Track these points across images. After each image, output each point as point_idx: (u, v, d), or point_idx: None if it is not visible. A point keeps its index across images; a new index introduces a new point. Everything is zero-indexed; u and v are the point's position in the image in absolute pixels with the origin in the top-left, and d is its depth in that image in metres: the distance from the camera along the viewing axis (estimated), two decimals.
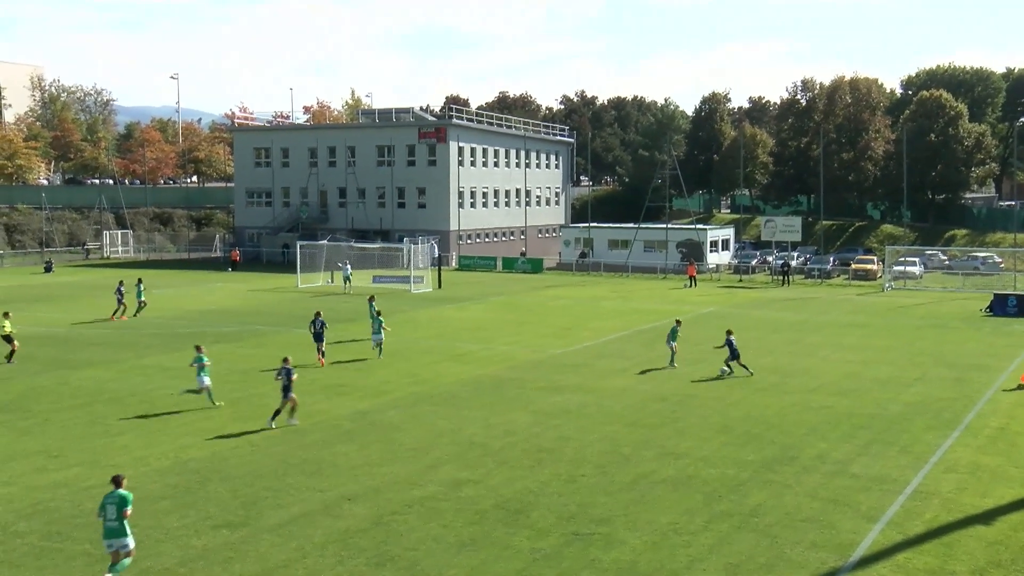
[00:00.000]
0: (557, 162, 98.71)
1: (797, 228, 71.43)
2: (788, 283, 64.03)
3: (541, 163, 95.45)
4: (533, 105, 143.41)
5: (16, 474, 20.27)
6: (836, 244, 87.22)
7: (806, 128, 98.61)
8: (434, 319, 45.59)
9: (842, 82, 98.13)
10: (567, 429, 24.18)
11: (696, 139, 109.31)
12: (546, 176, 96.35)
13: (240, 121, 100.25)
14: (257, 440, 22.87)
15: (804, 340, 39.31)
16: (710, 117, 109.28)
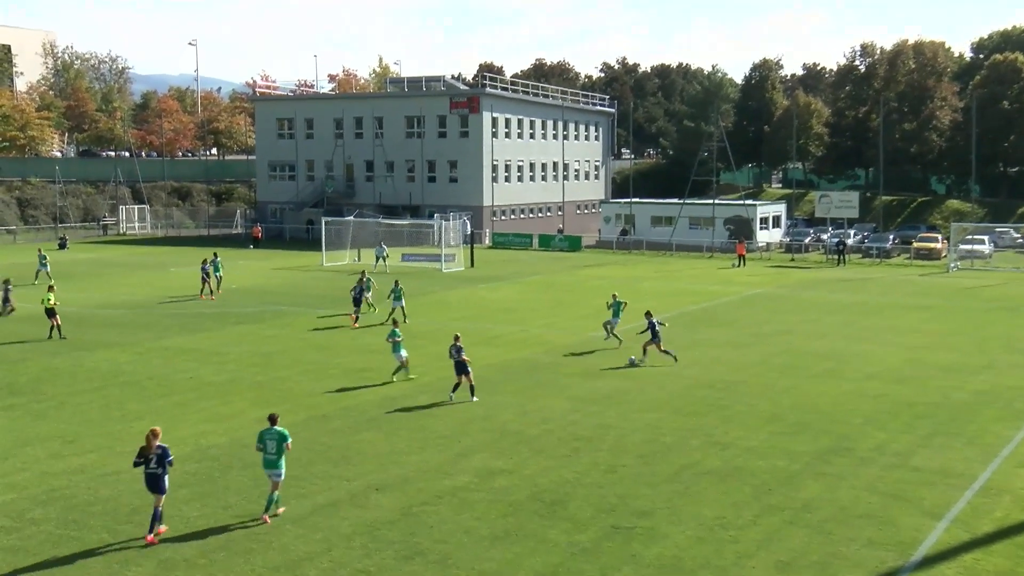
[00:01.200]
0: (597, 133, 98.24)
1: (854, 204, 70.59)
2: (844, 263, 63.41)
3: (580, 135, 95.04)
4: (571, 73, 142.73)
5: (31, 459, 20.64)
6: (897, 221, 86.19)
7: (865, 96, 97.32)
8: (466, 300, 45.67)
9: (905, 46, 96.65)
10: (606, 416, 24.16)
11: (745, 109, 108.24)
12: (585, 148, 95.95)
13: (262, 90, 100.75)
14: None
15: (860, 323, 38.93)
16: (760, 85, 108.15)
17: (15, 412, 24.66)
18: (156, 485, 16.43)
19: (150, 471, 16.42)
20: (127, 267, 60.53)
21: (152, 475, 16.42)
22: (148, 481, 16.47)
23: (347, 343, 34.12)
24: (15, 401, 25.77)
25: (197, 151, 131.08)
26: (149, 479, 16.46)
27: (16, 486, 18.95)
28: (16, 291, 38.12)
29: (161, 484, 16.45)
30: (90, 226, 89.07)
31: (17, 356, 31.73)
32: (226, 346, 33.53)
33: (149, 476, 16.45)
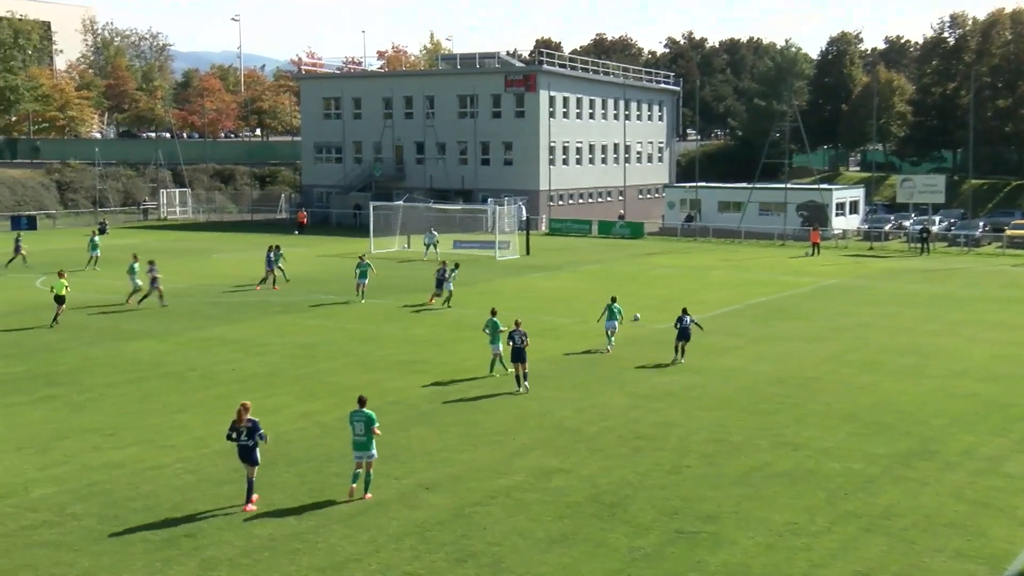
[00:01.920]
0: (661, 113, 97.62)
1: (940, 188, 69.30)
2: (928, 251, 62.37)
3: (643, 114, 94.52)
4: (634, 49, 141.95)
5: (71, 452, 21.11)
6: (987, 207, 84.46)
7: (954, 71, 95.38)
8: (521, 289, 45.72)
9: (1001, 16, 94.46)
10: (669, 414, 24.05)
11: (821, 86, 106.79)
12: (648, 129, 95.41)
13: (307, 68, 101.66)
14: (326, 421, 23.33)
15: (946, 317, 38.27)
16: (838, 60, 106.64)
17: (54, 403, 25.22)
18: (249, 457, 17.82)
19: (242, 443, 17.77)
20: (168, 253, 61.51)
21: (244, 447, 17.79)
22: (241, 453, 17.87)
23: (395, 334, 34.35)
24: (54, 392, 26.36)
25: (240, 132, 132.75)
26: (241, 451, 17.84)
27: (57, 479, 19.40)
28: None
29: (253, 456, 17.82)
30: (130, 210, 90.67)
31: (56, 345, 32.45)
32: (269, 336, 33.94)
33: (241, 448, 17.82)
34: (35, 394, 26.10)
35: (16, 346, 32.29)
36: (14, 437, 22.19)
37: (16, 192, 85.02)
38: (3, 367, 29.23)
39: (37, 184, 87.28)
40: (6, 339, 33.56)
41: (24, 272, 51.68)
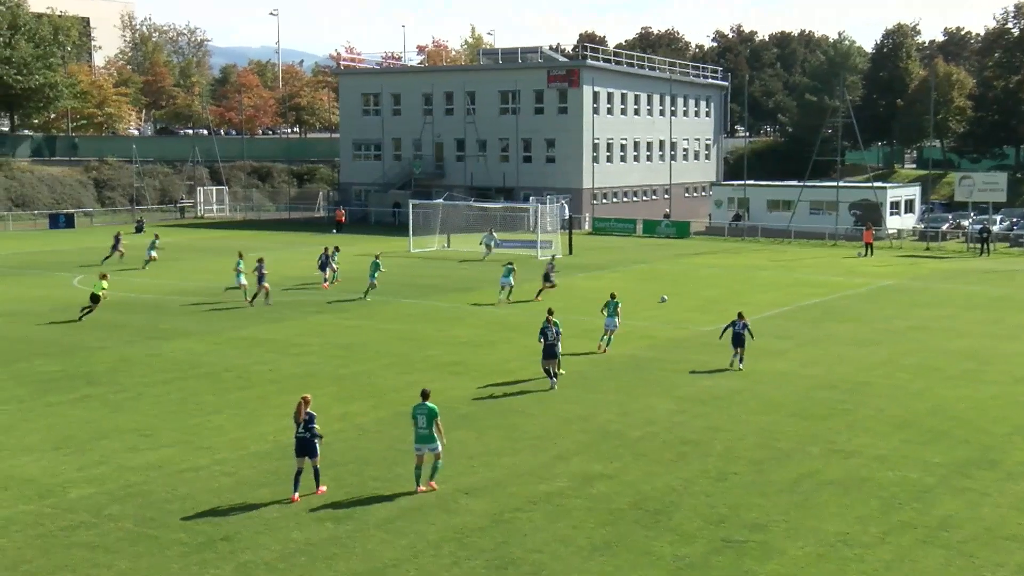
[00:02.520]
0: (708, 109, 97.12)
1: (1001, 186, 68.31)
2: (988, 252, 61.52)
3: (689, 110, 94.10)
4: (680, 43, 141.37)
5: (108, 453, 21.41)
6: None
7: (1018, 64, 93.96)
8: (563, 289, 45.70)
9: None
10: (716, 418, 23.94)
11: (876, 80, 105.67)
12: (695, 126, 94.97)
13: (346, 63, 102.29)
14: (364, 423, 23.46)
15: (1008, 320, 37.73)
16: (894, 54, 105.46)
17: (92, 403, 25.60)
18: (309, 449, 18.62)
19: (300, 435, 18.60)
20: (205, 252, 62.22)
21: (302, 439, 18.58)
22: (300, 446, 18.59)
23: (435, 334, 34.47)
24: (92, 391, 26.75)
25: (278, 128, 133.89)
26: (301, 443, 18.59)
27: (94, 480, 19.68)
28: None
29: (313, 448, 18.64)
30: (167, 208, 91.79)
31: (95, 344, 32.92)
32: (306, 337, 34.21)
33: (301, 440, 18.58)
34: (73, 393, 26.51)
35: (54, 345, 32.82)
36: (52, 437, 22.55)
37: (55, 190, 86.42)
38: (41, 366, 29.73)
39: (75, 182, 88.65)
40: (44, 337, 34.11)
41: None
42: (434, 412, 18.89)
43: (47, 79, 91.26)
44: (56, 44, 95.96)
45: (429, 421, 18.85)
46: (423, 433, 18.89)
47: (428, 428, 18.87)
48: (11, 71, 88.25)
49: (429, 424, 18.86)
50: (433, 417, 18.85)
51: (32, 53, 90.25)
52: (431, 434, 18.87)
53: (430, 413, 18.86)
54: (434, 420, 18.85)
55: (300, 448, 18.63)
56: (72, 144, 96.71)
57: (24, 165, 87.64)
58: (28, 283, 47.92)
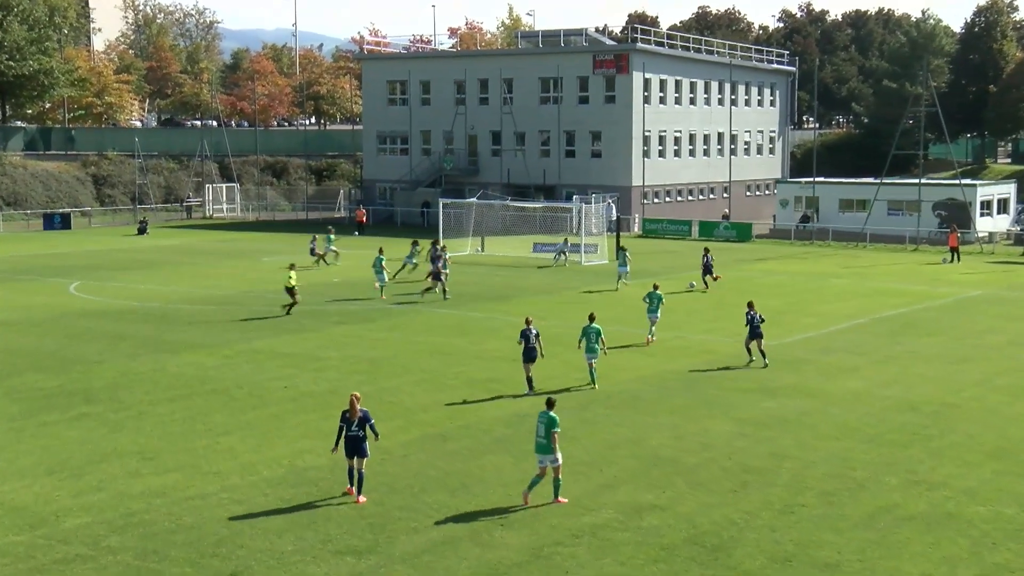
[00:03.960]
0: (773, 98, 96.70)
1: None
2: None
3: (751, 99, 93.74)
4: (742, 23, 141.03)
5: (107, 478, 21.64)
6: None
7: None
8: (610, 299, 45.62)
9: None
10: (782, 444, 23.81)
11: (965, 64, 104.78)
12: (758, 116, 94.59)
13: (370, 47, 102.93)
14: (390, 447, 23.54)
15: None
16: (986, 34, 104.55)
17: (90, 422, 25.89)
18: (359, 449, 19.88)
19: (352, 434, 19.80)
20: (214, 255, 62.74)
21: (355, 438, 19.84)
22: (351, 445, 19.81)
23: (467, 348, 34.55)
24: (90, 410, 27.05)
25: (295, 120, 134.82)
26: (352, 443, 19.82)
27: (92, 508, 19.90)
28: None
29: (363, 448, 19.92)
30: (173, 207, 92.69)
31: (94, 357, 33.30)
32: (326, 350, 34.40)
33: (352, 440, 19.81)
34: (70, 412, 26.82)
35: (49, 358, 33.23)
36: (47, 460, 22.82)
37: (49, 187, 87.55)
38: (36, 381, 30.11)
39: (72, 178, 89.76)
40: (39, 350, 34.54)
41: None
42: (553, 422, 19.77)
43: (41, 65, 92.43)
44: (51, 26, 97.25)
45: (547, 430, 19.73)
46: (541, 443, 19.86)
47: (546, 438, 19.75)
48: (3, 56, 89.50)
49: (547, 433, 19.73)
50: (551, 427, 19.72)
51: (25, 36, 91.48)
52: (548, 444, 19.73)
53: (549, 422, 19.77)
54: (552, 430, 19.70)
55: (350, 449, 19.89)
56: (69, 136, 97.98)
57: (16, 160, 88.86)
58: (21, 290, 48.57)
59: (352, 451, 19.97)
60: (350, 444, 19.94)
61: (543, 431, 19.84)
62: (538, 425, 20.01)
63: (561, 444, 23.58)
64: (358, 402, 20.10)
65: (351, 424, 19.92)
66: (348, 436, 19.92)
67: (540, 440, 19.89)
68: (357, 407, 20.00)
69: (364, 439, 19.96)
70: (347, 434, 19.92)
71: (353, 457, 20.01)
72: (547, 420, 19.82)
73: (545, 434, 19.78)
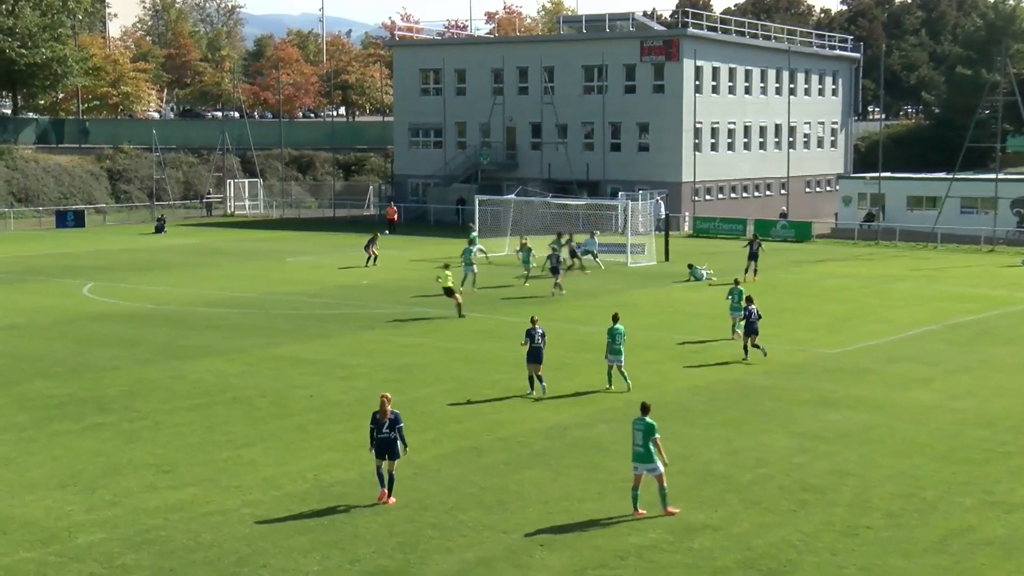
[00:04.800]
0: (835, 87, 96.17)
1: None
2: None
3: (812, 88, 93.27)
4: (802, 7, 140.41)
5: (122, 492, 21.80)
6: None
7: None
8: (659, 302, 45.49)
9: None
10: (844, 460, 23.66)
11: None
12: (819, 107, 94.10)
13: (402, 33, 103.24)
14: (422, 461, 23.57)
15: None
16: None
17: (104, 432, 26.10)
18: (391, 450, 20.71)
19: (383, 435, 20.66)
20: (235, 256, 63.12)
21: (386, 440, 20.69)
22: (381, 447, 20.69)
23: (504, 355, 34.52)
24: (104, 419, 27.28)
25: (321, 111, 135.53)
26: (383, 444, 20.68)
27: (106, 524, 20.05)
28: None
29: (395, 449, 20.74)
30: (192, 204, 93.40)
31: (107, 363, 33.59)
32: (354, 356, 34.53)
33: (383, 441, 20.68)
34: (82, 421, 27.06)
35: (60, 364, 33.54)
36: (58, 472, 23.03)
37: (62, 182, 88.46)
38: (47, 388, 30.41)
39: (86, 173, 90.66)
40: (50, 355, 34.88)
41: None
42: (651, 428, 20.14)
43: (55, 52, 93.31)
44: (65, 12, 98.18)
45: (645, 438, 20.13)
46: (638, 451, 20.21)
47: (644, 446, 20.12)
48: (14, 43, 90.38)
49: (645, 441, 20.11)
50: (650, 434, 20.12)
51: (38, 22, 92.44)
52: (648, 452, 20.09)
53: (646, 429, 20.15)
54: (651, 437, 20.11)
55: (381, 450, 20.75)
56: (83, 129, 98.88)
57: (28, 153, 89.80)
58: (31, 291, 49.09)
59: (383, 452, 20.77)
60: (381, 446, 20.77)
61: (640, 439, 20.17)
62: (634, 433, 20.34)
63: (602, 461, 23.65)
64: (388, 403, 20.80)
65: (381, 426, 20.69)
66: (379, 438, 20.73)
67: (638, 448, 20.24)
68: (388, 408, 20.73)
69: (395, 440, 20.76)
70: (378, 436, 20.74)
71: (384, 458, 20.79)
72: (644, 427, 20.17)
73: (643, 442, 20.14)
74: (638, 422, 20.37)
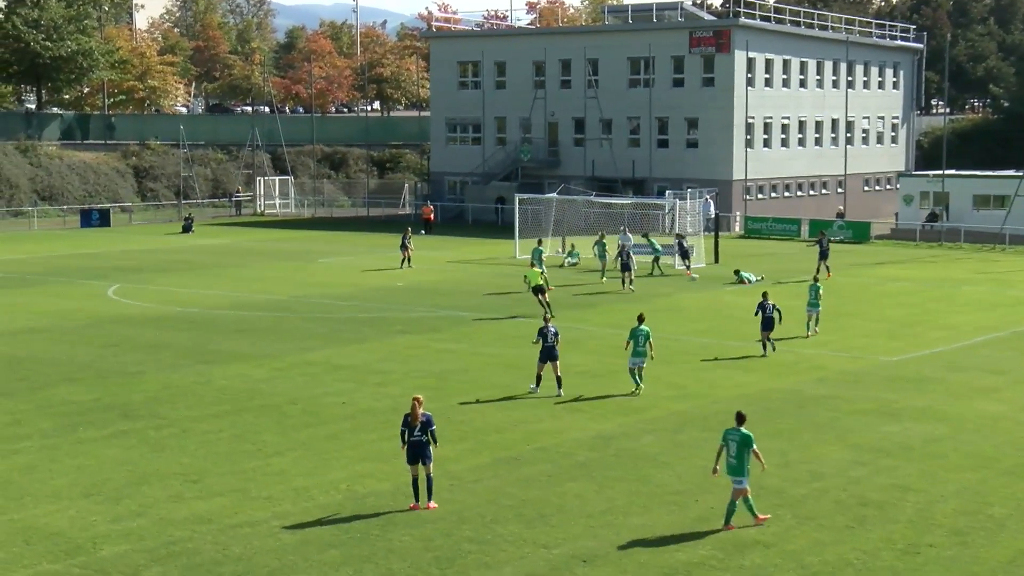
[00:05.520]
0: (896, 79, 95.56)
1: None
2: None
3: (872, 81, 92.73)
4: None
5: (148, 502, 21.97)
6: None
7: None
8: (708, 306, 45.35)
9: None
10: (905, 474, 23.52)
11: None
12: (879, 100, 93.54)
13: (439, 24, 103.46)
14: (459, 472, 23.61)
15: None
16: None
17: (129, 440, 26.31)
18: (423, 454, 21.01)
19: (415, 439, 20.94)
20: (266, 256, 63.47)
21: (418, 443, 20.98)
22: (413, 451, 20.97)
23: None
24: (130, 427, 27.50)
25: (355, 105, 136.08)
26: (415, 448, 20.96)
27: (131, 535, 20.21)
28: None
29: (427, 452, 21.03)
30: (220, 203, 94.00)
31: (133, 368, 33.86)
32: (388, 362, 34.64)
33: (414, 445, 20.96)
34: (107, 428, 27.28)
35: (85, 369, 33.84)
36: (82, 481, 23.23)
37: (87, 180, 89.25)
38: (71, 394, 30.68)
39: (111, 170, 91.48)
40: (73, 360, 35.21)
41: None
42: (748, 440, 20.20)
43: (80, 45, 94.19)
44: (91, 3, 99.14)
45: (740, 449, 20.16)
46: (732, 463, 20.26)
47: (738, 457, 20.18)
48: (39, 36, 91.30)
49: (740, 453, 20.16)
50: (746, 445, 20.18)
51: (63, 14, 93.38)
52: (740, 465, 20.19)
53: (742, 440, 20.18)
54: (746, 449, 20.18)
55: (412, 454, 21.00)
56: (108, 124, 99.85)
57: (52, 150, 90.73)
58: (54, 293, 49.55)
59: (415, 457, 21.03)
60: (412, 450, 21.03)
61: (735, 450, 20.20)
62: (728, 444, 20.35)
63: (649, 472, 23.59)
64: (420, 406, 21.07)
65: (413, 429, 20.98)
66: (411, 441, 21.02)
67: (731, 460, 20.26)
68: (419, 411, 20.99)
69: (427, 444, 21.04)
70: (409, 439, 21.02)
71: (416, 463, 21.06)
72: (740, 438, 20.20)
73: (737, 454, 20.16)
74: (733, 432, 20.39)
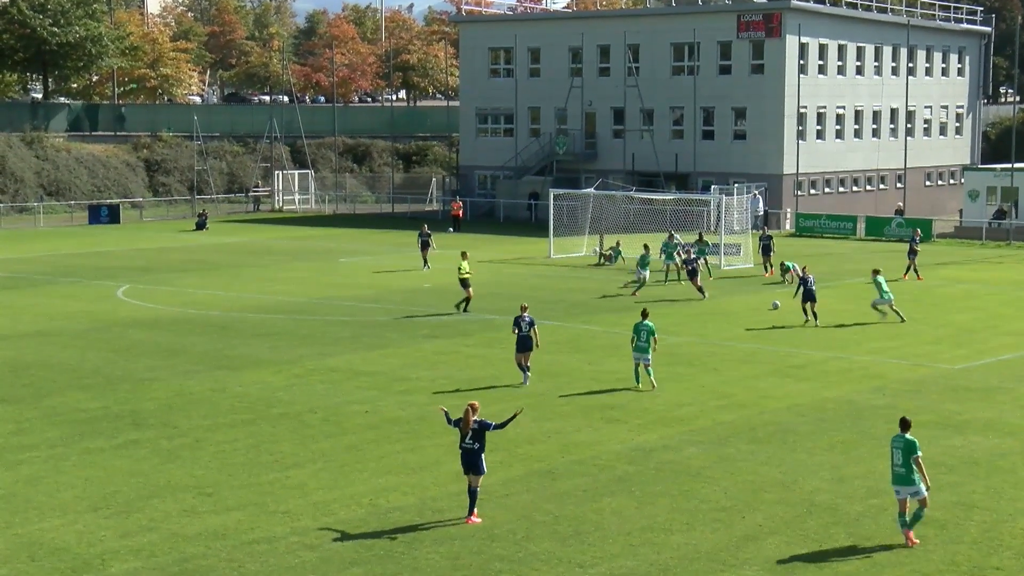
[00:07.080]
0: (961, 66, 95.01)
1: None
2: None
3: (934, 67, 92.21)
4: None
5: (159, 516, 22.09)
6: None
7: None
8: (755, 309, 45.22)
9: None
10: (969, 491, 23.43)
11: None
12: (942, 88, 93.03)
13: (470, 8, 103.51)
14: (490, 485, 23.61)
15: None
16: None
17: (140, 450, 26.47)
18: (475, 464, 21.27)
19: (466, 446, 21.33)
20: (284, 256, 63.68)
21: (470, 451, 21.30)
22: (466, 459, 21.32)
23: (582, 368, 34.54)
24: (140, 436, 27.65)
25: (379, 94, 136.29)
26: (467, 456, 21.32)
27: (142, 551, 20.33)
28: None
29: (479, 462, 21.28)
30: (236, 199, 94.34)
31: (145, 374, 34.05)
32: (414, 369, 34.70)
33: (466, 453, 21.34)
34: (116, 438, 27.43)
35: (96, 375, 34.05)
36: (91, 494, 23.37)
37: (96, 174, 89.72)
38: (80, 401, 30.87)
39: (121, 163, 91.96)
40: (82, 365, 35.41)
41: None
42: (912, 446, 20.32)
43: (88, 31, 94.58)
44: None
45: (904, 457, 20.33)
46: (899, 472, 20.47)
47: (905, 465, 20.33)
48: (45, 21, 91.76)
49: (906, 461, 20.31)
50: (909, 453, 20.30)
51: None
52: (910, 473, 20.28)
53: (906, 447, 20.36)
54: (911, 456, 20.28)
55: (466, 463, 21.40)
56: (118, 115, 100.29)
57: (59, 142, 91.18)
58: (61, 294, 49.86)
59: (466, 466, 21.44)
60: (464, 458, 21.47)
61: (900, 458, 20.36)
62: (893, 452, 20.54)
63: (692, 487, 23.56)
64: (474, 413, 21.38)
65: (464, 437, 21.37)
66: (462, 448, 21.47)
67: (898, 469, 20.43)
68: (471, 419, 21.29)
69: (479, 452, 21.27)
70: (461, 445, 21.49)
71: (468, 473, 21.46)
72: (904, 444, 20.32)
73: (903, 462, 20.30)
74: (897, 439, 20.49)
